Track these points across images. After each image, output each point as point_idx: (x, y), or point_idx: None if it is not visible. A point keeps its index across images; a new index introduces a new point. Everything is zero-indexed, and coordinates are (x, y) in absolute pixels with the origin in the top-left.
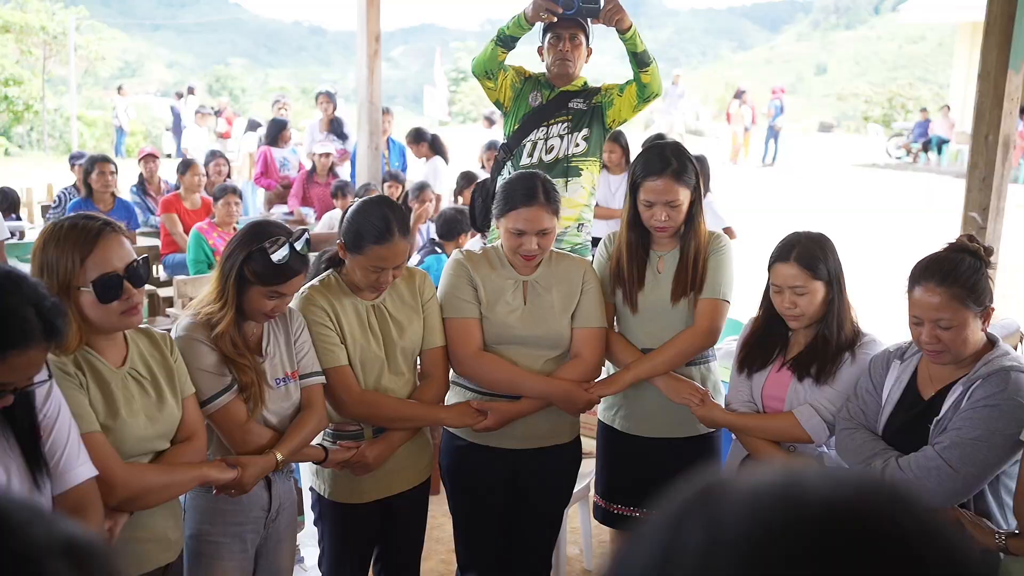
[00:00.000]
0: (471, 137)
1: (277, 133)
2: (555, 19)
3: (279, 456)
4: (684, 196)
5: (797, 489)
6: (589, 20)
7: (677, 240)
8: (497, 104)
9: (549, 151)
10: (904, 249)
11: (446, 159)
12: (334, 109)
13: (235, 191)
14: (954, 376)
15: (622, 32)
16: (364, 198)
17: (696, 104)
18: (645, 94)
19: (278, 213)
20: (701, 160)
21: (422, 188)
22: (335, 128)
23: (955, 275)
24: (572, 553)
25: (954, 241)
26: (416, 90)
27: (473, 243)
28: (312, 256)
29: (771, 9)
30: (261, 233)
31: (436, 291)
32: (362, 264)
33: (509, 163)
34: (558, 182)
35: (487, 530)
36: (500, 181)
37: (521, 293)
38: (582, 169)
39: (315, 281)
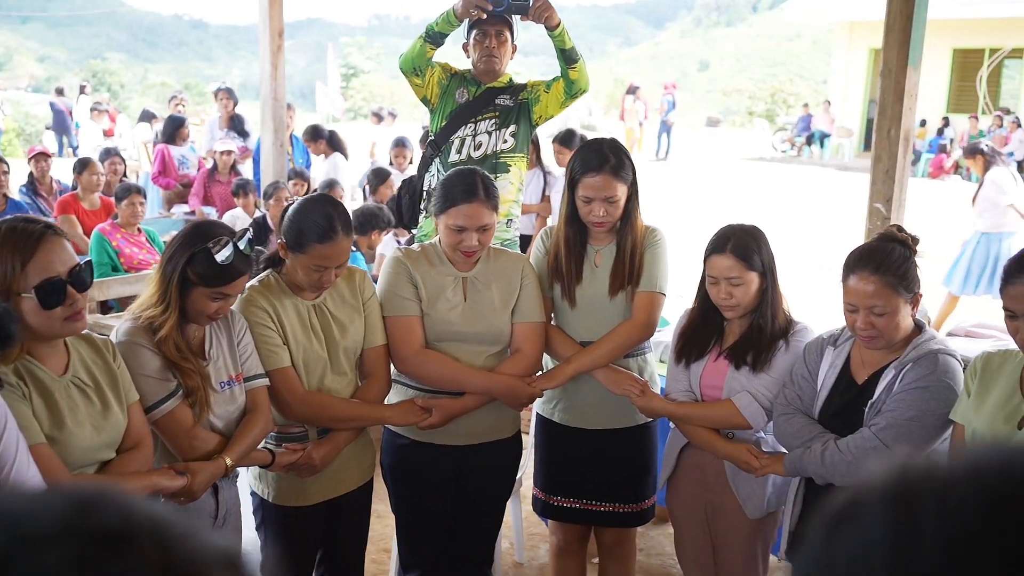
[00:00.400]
0: (361, 134)
1: (174, 130)
2: (485, 16)
3: (228, 461)
4: (622, 192)
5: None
6: (519, 17)
7: (613, 234)
8: (424, 101)
9: (478, 147)
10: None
11: (346, 156)
12: (234, 105)
13: (139, 191)
14: (886, 360)
15: (551, 29)
16: (306, 196)
17: (588, 99)
18: (573, 90)
19: (179, 213)
20: None
21: (331, 186)
22: (236, 125)
23: (887, 264)
24: (503, 547)
25: (884, 231)
26: (304, 86)
27: (387, 240)
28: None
29: (655, 6)
30: (204, 233)
31: (376, 289)
32: (305, 264)
33: (437, 160)
34: None
35: (431, 528)
36: (428, 178)
37: (461, 290)
38: (510, 165)
39: (254, 282)
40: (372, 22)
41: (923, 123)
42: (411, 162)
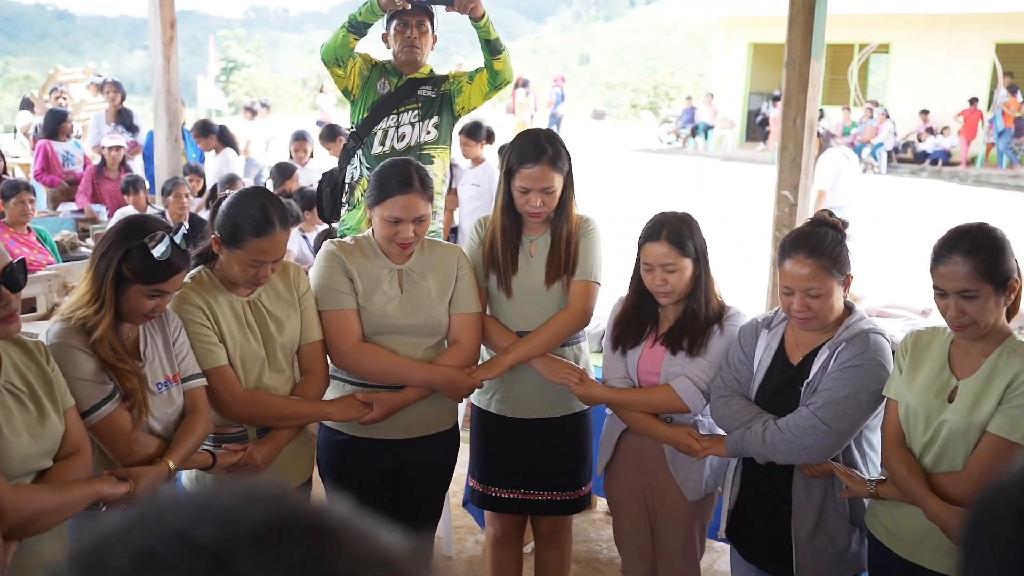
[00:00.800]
0: (236, 128)
1: (57, 125)
2: (409, 6)
3: (171, 464)
4: (558, 182)
5: None
6: (444, 8)
7: (548, 224)
8: (345, 92)
9: (401, 139)
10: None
11: (237, 151)
12: (122, 99)
13: (28, 188)
14: (819, 341)
15: (476, 20)
16: (241, 189)
17: None
18: (497, 81)
19: (66, 211)
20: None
21: (232, 180)
22: (124, 119)
23: (821, 247)
24: None
25: (814, 217)
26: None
27: (293, 236)
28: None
29: (535, 1)
30: (138, 229)
31: (309, 284)
32: (240, 259)
33: (360, 152)
34: None
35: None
36: (350, 170)
37: (397, 282)
38: (434, 157)
39: (186, 278)
40: (249, 15)
41: None
42: (311, 156)
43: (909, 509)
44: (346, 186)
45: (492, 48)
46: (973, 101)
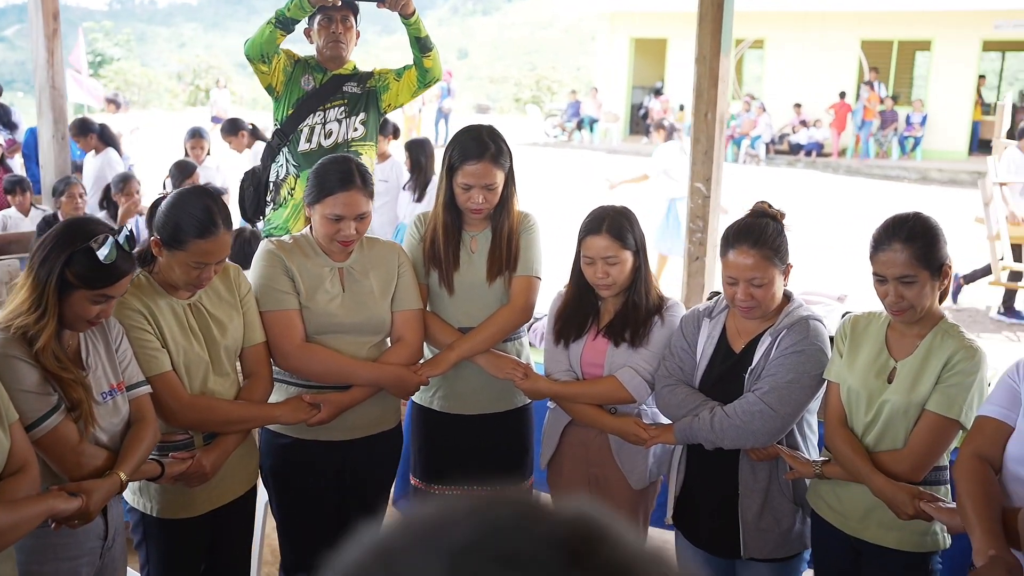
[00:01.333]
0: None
1: None
2: (340, 2)
3: (123, 476)
4: (500, 178)
5: None
6: (375, 5)
7: (488, 220)
8: (269, 89)
9: (328, 136)
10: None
11: (119, 150)
12: None
13: None
14: (760, 328)
15: (406, 17)
16: (181, 189)
17: None
18: (427, 79)
19: None
20: (423, 143)
21: (126, 180)
22: (1, 116)
23: (764, 238)
24: None
25: (755, 208)
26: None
27: None
28: None
29: None
30: (80, 231)
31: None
32: (183, 261)
33: (285, 149)
34: None
35: (317, 527)
36: (275, 168)
37: (339, 280)
38: (361, 154)
39: None
40: (114, 6)
41: (681, 107)
42: (208, 153)
43: (853, 487)
44: (271, 184)
45: (422, 45)
46: (842, 95)
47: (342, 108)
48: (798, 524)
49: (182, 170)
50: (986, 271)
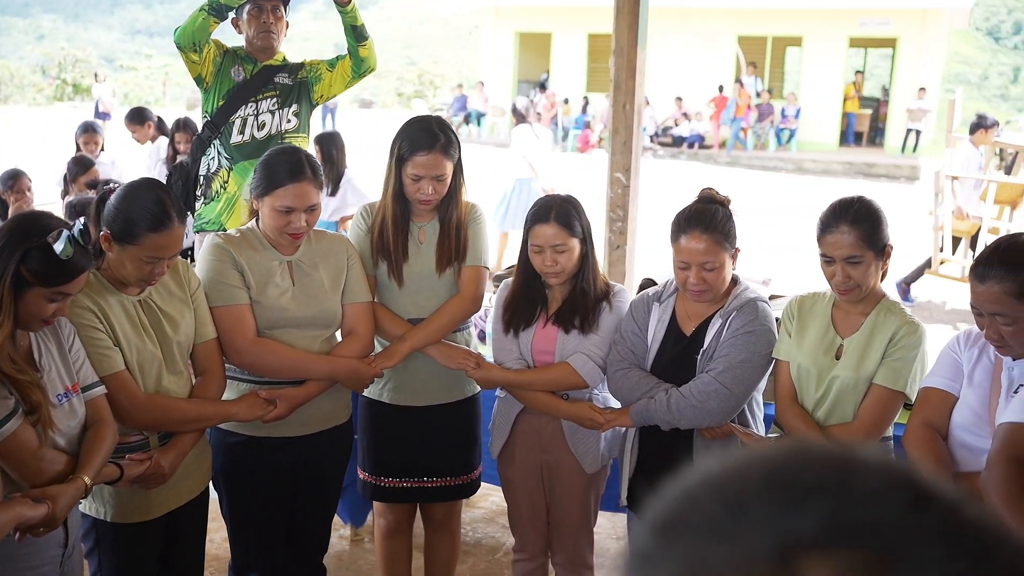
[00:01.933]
0: None
1: None
2: None
3: (87, 480)
4: (450, 169)
5: None
6: None
7: (435, 211)
8: (198, 80)
9: (261, 127)
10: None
11: None
12: None
13: None
14: (710, 311)
15: (342, 6)
16: (130, 181)
17: None
18: (362, 69)
19: None
20: (334, 136)
21: (15, 177)
22: None
23: (714, 223)
24: None
25: (703, 195)
26: None
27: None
28: None
29: None
30: (34, 227)
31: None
32: (135, 255)
33: (217, 141)
34: None
35: (269, 526)
36: (206, 161)
37: (288, 274)
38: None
39: None
40: None
41: (566, 101)
42: (102, 148)
43: None
44: (201, 179)
45: (358, 35)
46: (721, 89)
47: (274, 99)
48: None
49: (80, 164)
50: (924, 267)
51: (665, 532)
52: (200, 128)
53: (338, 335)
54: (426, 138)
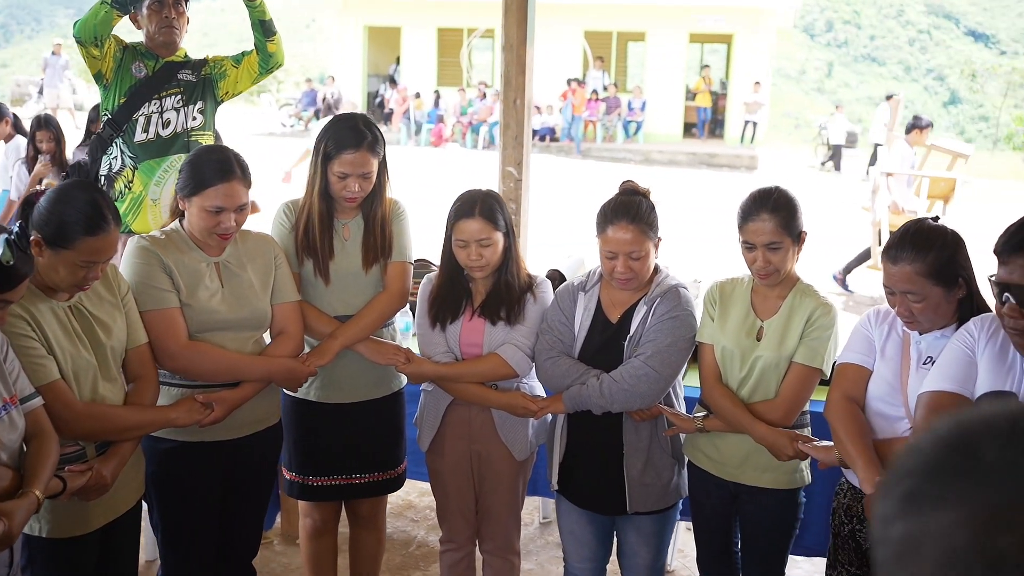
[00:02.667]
0: None
1: None
2: None
3: (39, 494)
4: (375, 167)
5: None
6: None
7: (359, 207)
8: (97, 76)
9: (166, 125)
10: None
11: None
12: None
13: None
14: (634, 299)
15: (250, 0)
16: (61, 183)
17: (72, 76)
18: (270, 64)
19: None
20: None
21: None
22: None
23: (639, 214)
24: None
25: (625, 187)
26: None
27: None
28: None
29: None
30: None
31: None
32: (69, 260)
33: (119, 140)
34: (180, 158)
35: (204, 531)
36: (108, 160)
37: (217, 275)
38: (202, 143)
39: None
40: None
41: (417, 95)
42: None
43: (731, 437)
44: (102, 178)
45: (266, 29)
46: (570, 82)
47: (179, 96)
48: (675, 477)
49: None
50: (864, 257)
51: (940, 477)
52: (101, 126)
53: (266, 335)
54: (353, 136)
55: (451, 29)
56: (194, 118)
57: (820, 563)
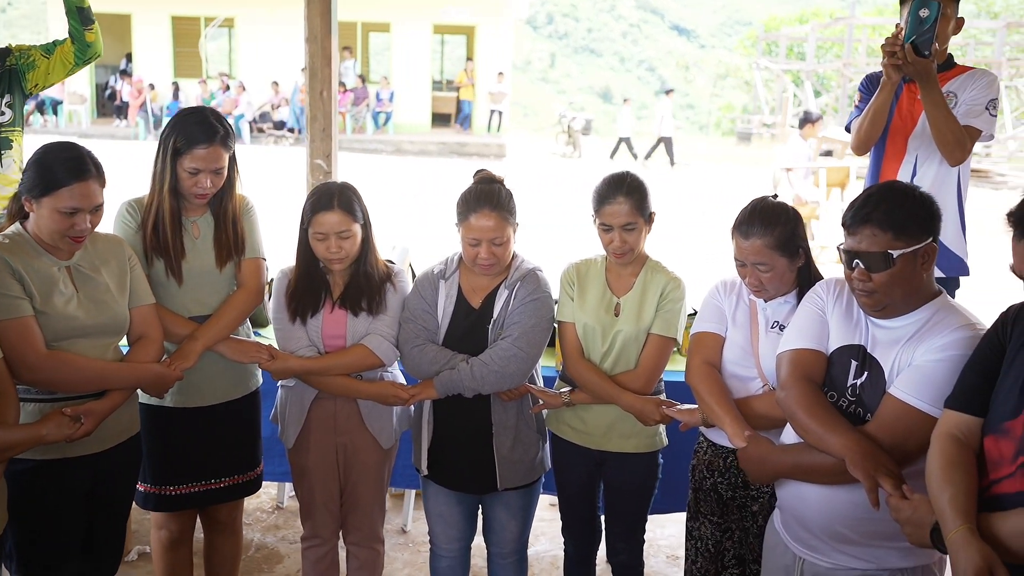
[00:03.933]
0: None
1: None
2: None
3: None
4: (227, 161)
5: None
6: None
7: (207, 204)
8: None
9: None
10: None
11: None
12: None
13: None
14: (493, 284)
15: None
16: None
17: None
18: (88, 54)
19: None
20: None
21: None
22: None
23: (499, 201)
24: None
25: (482, 176)
26: None
27: None
28: None
29: None
30: None
31: None
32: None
33: None
34: None
35: (64, 553)
36: None
37: (70, 280)
38: (12, 140)
39: None
40: None
41: (152, 86)
42: None
43: (596, 408)
44: None
45: (84, 17)
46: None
47: None
48: (540, 452)
49: None
50: None
51: None
52: None
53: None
54: (204, 131)
55: (186, 18)
56: (2, 113)
57: (681, 517)
